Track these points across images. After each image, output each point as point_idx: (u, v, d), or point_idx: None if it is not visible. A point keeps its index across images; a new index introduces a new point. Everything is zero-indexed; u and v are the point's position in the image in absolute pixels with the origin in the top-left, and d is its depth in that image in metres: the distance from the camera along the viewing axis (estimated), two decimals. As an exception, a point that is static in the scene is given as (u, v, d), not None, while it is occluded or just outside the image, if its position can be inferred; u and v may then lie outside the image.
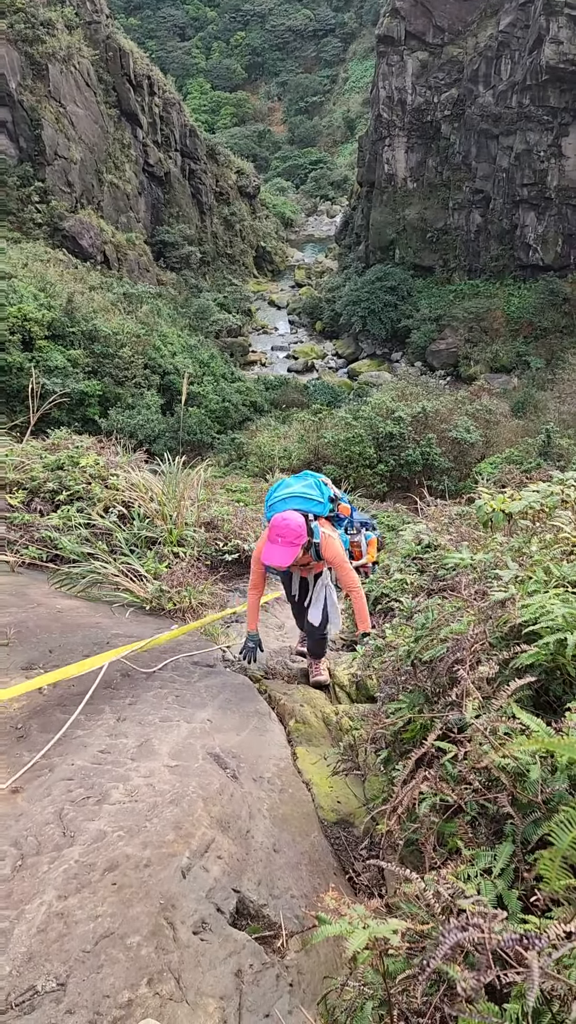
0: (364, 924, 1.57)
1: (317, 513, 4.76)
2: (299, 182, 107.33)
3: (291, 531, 4.43)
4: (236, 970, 2.41)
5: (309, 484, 4.91)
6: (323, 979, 2.39)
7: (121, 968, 2.30)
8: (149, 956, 2.35)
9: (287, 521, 4.46)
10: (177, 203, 68.33)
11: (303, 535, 4.47)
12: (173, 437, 35.81)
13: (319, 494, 4.85)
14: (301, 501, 4.72)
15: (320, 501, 4.81)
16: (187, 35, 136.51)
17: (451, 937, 1.39)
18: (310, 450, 27.43)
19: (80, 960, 2.31)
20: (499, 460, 25.27)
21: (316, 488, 4.89)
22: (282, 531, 4.44)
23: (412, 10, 61.96)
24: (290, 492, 4.77)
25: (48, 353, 37.96)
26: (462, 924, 1.40)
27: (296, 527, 4.44)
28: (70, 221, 53.59)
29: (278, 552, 4.42)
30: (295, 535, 4.43)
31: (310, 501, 4.75)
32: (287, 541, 4.41)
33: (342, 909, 1.63)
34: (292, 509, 4.63)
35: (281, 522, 4.47)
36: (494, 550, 3.91)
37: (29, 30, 53.07)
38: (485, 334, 56.30)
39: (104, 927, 2.44)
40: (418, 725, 3.02)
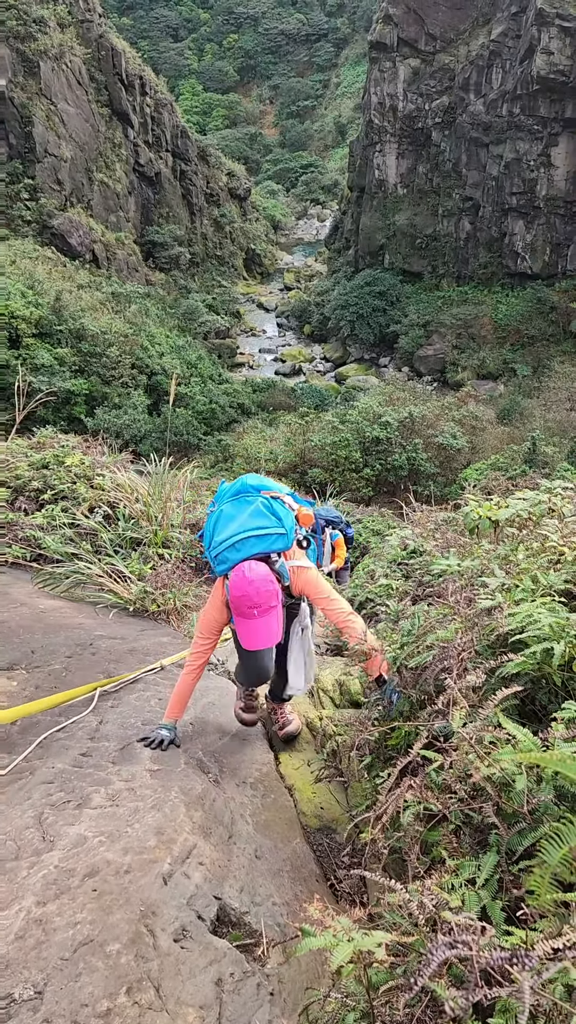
0: (348, 937, 1.55)
1: (281, 549, 3.58)
2: (290, 185, 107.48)
3: (265, 595, 3.37)
4: (216, 979, 2.38)
5: (257, 511, 3.62)
6: (305, 989, 2.37)
7: (100, 976, 2.27)
8: (128, 964, 2.32)
9: (254, 585, 3.35)
10: (167, 203, 68.23)
11: (275, 587, 3.44)
12: (160, 438, 35.71)
13: (275, 521, 3.60)
14: (258, 542, 3.52)
15: (281, 532, 3.58)
16: (180, 36, 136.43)
17: (439, 954, 1.37)
18: (296, 453, 27.40)
19: (58, 968, 2.28)
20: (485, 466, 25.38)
21: (268, 514, 3.62)
22: (255, 599, 3.36)
23: (405, 17, 62.21)
24: (240, 533, 3.52)
25: (35, 351, 37.77)
26: (450, 941, 1.38)
27: (267, 587, 3.38)
28: (59, 219, 53.38)
29: (262, 629, 3.42)
30: (270, 595, 3.39)
31: (268, 538, 3.54)
32: (266, 609, 3.39)
33: (326, 920, 1.61)
34: (251, 559, 3.48)
35: (247, 588, 3.34)
36: (481, 557, 3.91)
37: (21, 27, 52.87)
38: (473, 341, 56.56)
39: (83, 934, 2.40)
40: (403, 732, 3.00)
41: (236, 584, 3.37)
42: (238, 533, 3.50)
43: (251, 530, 3.52)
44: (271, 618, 3.43)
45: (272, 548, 3.53)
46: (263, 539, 3.52)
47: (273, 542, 3.54)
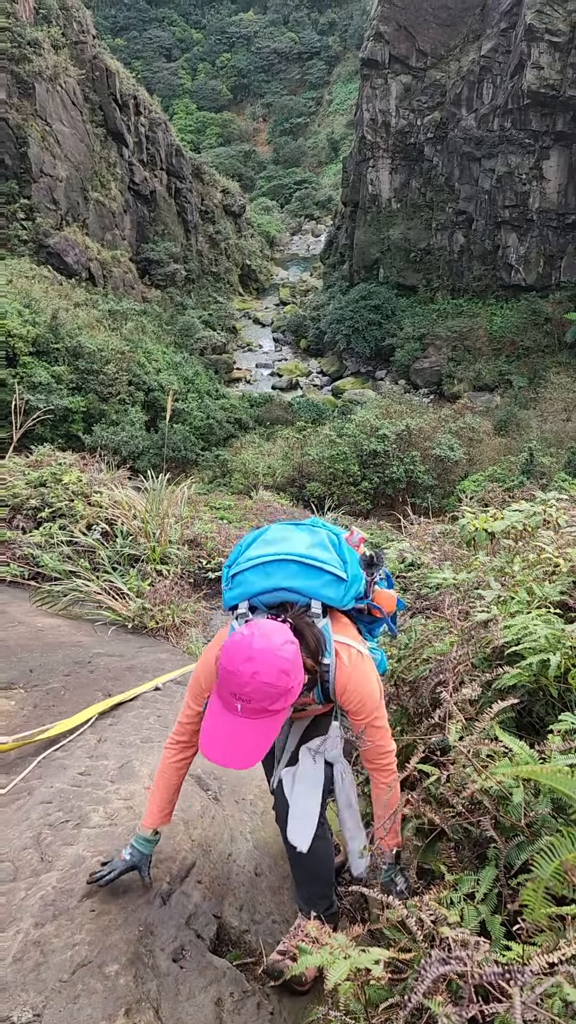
0: (345, 954, 1.54)
1: (332, 601, 2.41)
2: (284, 201, 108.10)
3: (267, 685, 2.08)
4: (216, 999, 2.37)
5: (319, 541, 2.51)
6: (304, 1007, 2.36)
7: (99, 998, 2.25)
8: (127, 985, 2.31)
9: (256, 662, 2.08)
10: (163, 221, 68.60)
11: (294, 683, 2.15)
12: (157, 454, 35.77)
13: (336, 559, 2.46)
14: (302, 573, 2.38)
15: (338, 575, 2.42)
16: (173, 56, 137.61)
17: (433, 970, 1.36)
18: (294, 467, 27.47)
19: (56, 990, 2.26)
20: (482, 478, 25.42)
21: (331, 548, 2.50)
22: (247, 684, 2.08)
23: (396, 35, 62.81)
24: (279, 554, 2.39)
25: (32, 369, 37.86)
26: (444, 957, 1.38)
27: (278, 672, 2.09)
28: (55, 238, 53.65)
29: (238, 736, 2.13)
30: (278, 689, 2.10)
31: (317, 573, 2.39)
32: (260, 711, 2.10)
33: (323, 938, 1.61)
34: (277, 607, 2.39)
35: (242, 662, 2.09)
36: (477, 569, 3.91)
37: (15, 49, 53.32)
38: (468, 353, 56.75)
39: (81, 955, 2.39)
40: (401, 746, 3.00)
41: (231, 648, 2.13)
42: (277, 554, 2.38)
43: (298, 555, 2.38)
44: (263, 726, 2.12)
45: (318, 593, 2.37)
46: (310, 571, 2.37)
47: (324, 584, 2.37)
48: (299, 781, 2.63)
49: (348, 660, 2.39)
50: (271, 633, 2.15)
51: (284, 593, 2.36)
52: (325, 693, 2.44)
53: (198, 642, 6.32)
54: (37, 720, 4.12)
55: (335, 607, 2.43)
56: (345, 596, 2.42)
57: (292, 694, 2.13)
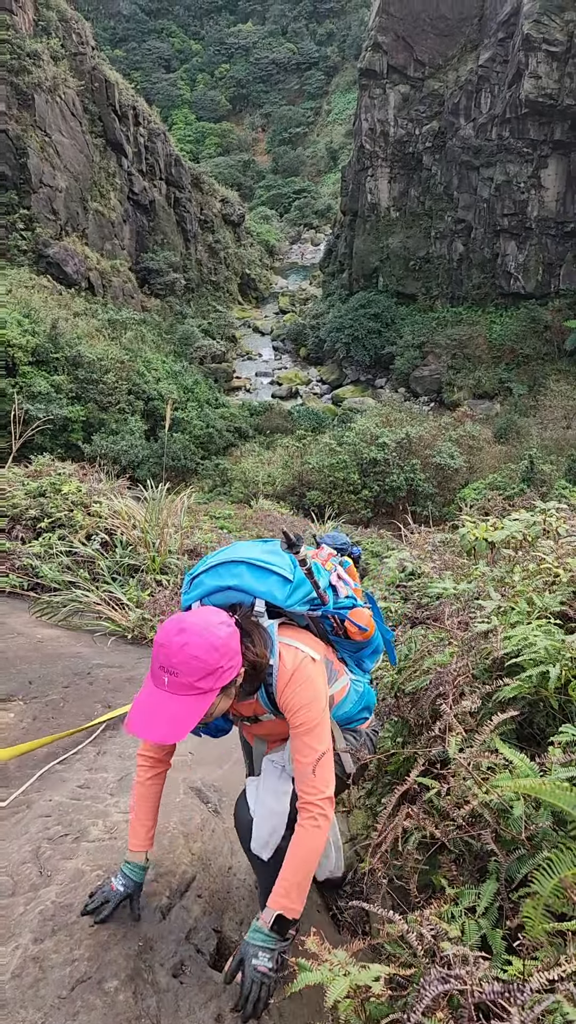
0: (345, 971, 1.53)
1: (274, 602, 2.41)
2: (283, 211, 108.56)
3: (196, 660, 2.10)
4: (216, 1015, 2.35)
5: (272, 550, 2.56)
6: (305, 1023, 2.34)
7: (98, 1015, 2.24)
8: (127, 1002, 2.29)
9: (187, 634, 2.13)
10: (162, 231, 68.85)
11: (225, 663, 2.15)
12: (157, 463, 35.81)
13: (286, 563, 2.49)
14: (250, 574, 2.42)
15: (282, 574, 2.45)
16: (172, 67, 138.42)
17: (432, 989, 1.35)
18: (294, 475, 27.49)
19: (56, 1007, 2.25)
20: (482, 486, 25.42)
21: (283, 555, 2.52)
22: (175, 656, 2.11)
23: (394, 45, 63.16)
24: (230, 556, 2.48)
25: (32, 379, 37.95)
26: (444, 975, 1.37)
27: (208, 649, 2.12)
28: (55, 248, 53.85)
29: (158, 709, 2.13)
30: (206, 665, 2.11)
31: (265, 574, 2.43)
32: (185, 684, 2.11)
33: (323, 954, 1.60)
34: (219, 590, 2.41)
35: (174, 635, 2.14)
36: (477, 579, 3.91)
37: (15, 61, 53.64)
38: (468, 361, 56.87)
39: (80, 971, 2.37)
40: (401, 758, 2.99)
41: (166, 623, 2.19)
42: (229, 557, 2.46)
43: (247, 558, 2.44)
44: (188, 703, 2.10)
45: (263, 591, 2.38)
46: (257, 571, 2.41)
47: (269, 584, 2.40)
48: (263, 792, 2.56)
49: (291, 661, 2.36)
50: (208, 613, 2.27)
51: (233, 593, 2.40)
52: (271, 698, 2.39)
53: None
54: (36, 732, 4.11)
55: (282, 608, 2.41)
56: (290, 597, 2.43)
57: (222, 675, 2.14)
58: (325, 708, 2.40)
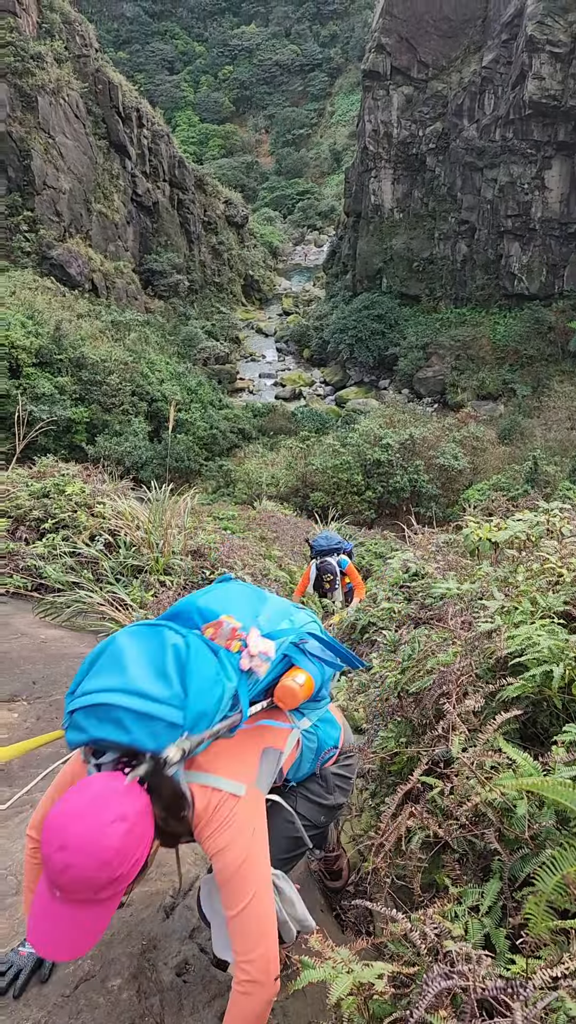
0: (348, 969, 1.53)
1: (158, 748, 1.83)
2: (287, 212, 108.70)
3: (85, 875, 1.65)
4: (219, 1013, 2.35)
5: (159, 659, 1.98)
6: (308, 1021, 2.34)
7: (101, 1013, 2.24)
8: (130, 1000, 2.30)
9: (77, 842, 1.66)
10: (165, 232, 68.94)
11: (122, 871, 1.71)
12: (160, 464, 35.84)
13: (172, 691, 1.91)
14: (129, 720, 1.85)
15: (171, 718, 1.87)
16: (176, 69, 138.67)
17: (435, 985, 1.35)
18: (298, 477, 27.50)
19: (59, 1005, 2.25)
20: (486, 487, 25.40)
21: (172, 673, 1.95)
22: (57, 871, 1.65)
23: (397, 46, 63.21)
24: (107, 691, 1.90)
25: (35, 380, 38.01)
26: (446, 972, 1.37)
27: (102, 859, 1.66)
28: (58, 250, 53.95)
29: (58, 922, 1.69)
30: (97, 882, 1.67)
31: (144, 721, 1.85)
32: (83, 901, 1.69)
33: (326, 952, 1.60)
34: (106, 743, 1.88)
35: (58, 841, 1.66)
36: (480, 579, 3.91)
37: (19, 63, 53.75)
38: (472, 362, 56.86)
39: (84, 970, 2.38)
40: (404, 758, 2.99)
41: (47, 826, 1.70)
42: (106, 690, 1.89)
43: (125, 698, 1.86)
44: (89, 913, 1.69)
45: (144, 743, 1.82)
46: (139, 720, 1.84)
47: (151, 732, 1.83)
48: (216, 900, 2.15)
49: (203, 804, 1.92)
50: (98, 809, 1.70)
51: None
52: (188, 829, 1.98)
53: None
54: (39, 732, 4.11)
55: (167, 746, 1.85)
56: (177, 735, 1.85)
57: (121, 881, 1.72)
58: (250, 845, 1.97)
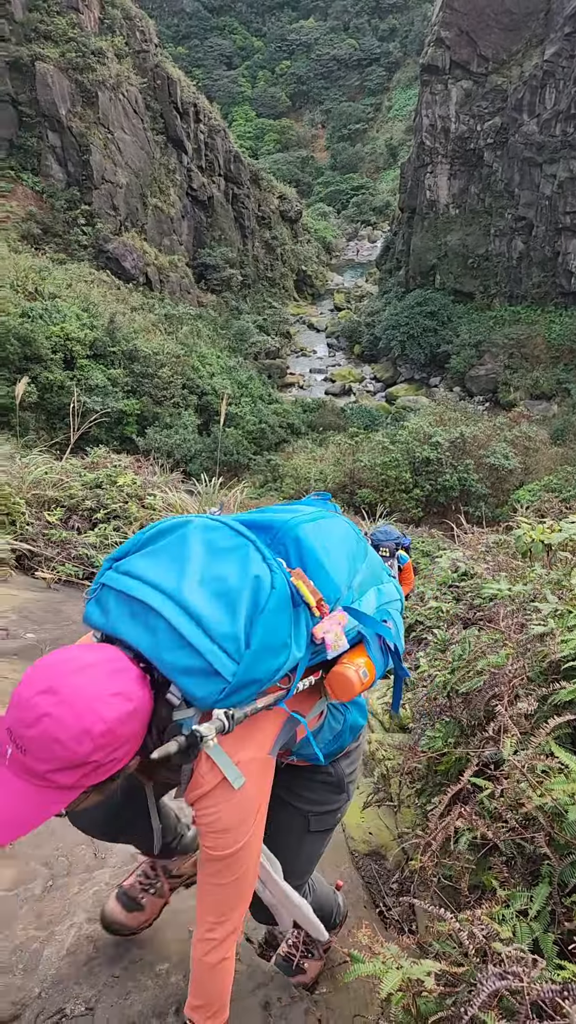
0: (398, 964, 1.54)
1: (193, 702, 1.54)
2: (341, 207, 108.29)
3: (58, 736, 1.38)
4: (264, 1002, 2.38)
5: (230, 588, 1.59)
6: (353, 1016, 2.36)
7: (149, 995, 2.29)
8: (177, 984, 2.34)
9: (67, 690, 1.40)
10: (219, 227, 69.28)
11: (102, 761, 1.44)
12: (209, 457, 36.07)
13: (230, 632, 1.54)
14: (162, 634, 1.53)
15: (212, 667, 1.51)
16: (234, 64, 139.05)
17: (490, 984, 1.36)
18: (346, 473, 27.40)
19: (108, 985, 2.30)
20: (537, 487, 25.00)
21: (238, 607, 1.57)
22: (27, 720, 1.38)
23: (457, 40, 62.45)
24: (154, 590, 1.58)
25: (89, 372, 38.55)
26: (501, 972, 1.37)
27: (85, 726, 1.40)
28: (114, 243, 54.61)
29: None
30: (67, 754, 1.39)
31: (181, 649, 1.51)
32: (29, 766, 1.40)
33: (375, 947, 1.61)
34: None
35: (45, 681, 1.41)
36: (533, 581, 3.86)
37: (80, 59, 54.48)
38: (525, 360, 56.02)
39: (133, 952, 2.43)
40: (453, 758, 2.98)
41: (39, 665, 1.48)
42: (155, 587, 1.58)
43: (173, 607, 1.53)
44: (29, 796, 1.41)
45: (177, 678, 1.52)
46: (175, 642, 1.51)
47: (186, 669, 1.51)
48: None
49: (208, 778, 1.59)
50: (106, 674, 1.46)
51: None
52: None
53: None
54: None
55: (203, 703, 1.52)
56: (219, 699, 1.51)
57: (93, 772, 1.43)
58: (252, 828, 1.68)
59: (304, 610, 1.69)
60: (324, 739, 1.99)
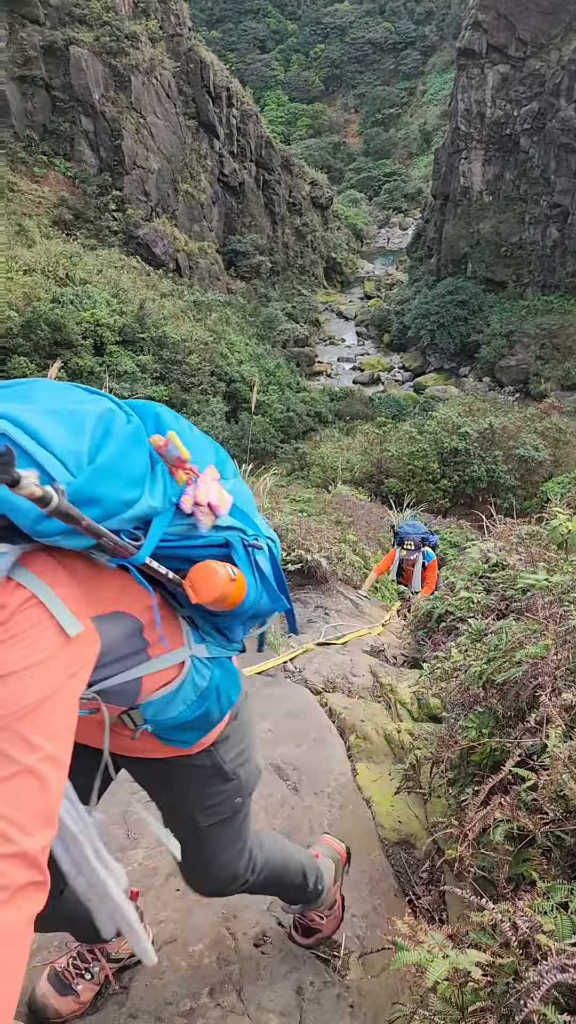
0: (444, 953, 1.53)
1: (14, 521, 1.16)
2: (372, 194, 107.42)
3: None
4: (297, 987, 2.38)
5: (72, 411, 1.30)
6: (391, 1003, 2.35)
7: (182, 975, 2.30)
8: (211, 966, 2.34)
9: None
10: (250, 213, 69.05)
11: None
12: (237, 444, 36.07)
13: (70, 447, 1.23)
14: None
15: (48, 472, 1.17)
16: (267, 47, 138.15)
17: (550, 977, 1.33)
18: (373, 463, 27.30)
19: (143, 965, 2.31)
20: (567, 480, 24.72)
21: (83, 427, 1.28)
22: None
23: (495, 23, 61.52)
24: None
25: (118, 358, 38.70)
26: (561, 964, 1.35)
27: None
28: (144, 229, 54.65)
29: None
30: None
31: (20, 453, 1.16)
32: None
33: (419, 935, 1.59)
34: None
35: None
36: (571, 573, 3.81)
37: (114, 43, 54.41)
38: (557, 351, 55.33)
39: (167, 933, 2.43)
40: (488, 749, 2.95)
41: None
42: None
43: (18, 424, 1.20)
44: None
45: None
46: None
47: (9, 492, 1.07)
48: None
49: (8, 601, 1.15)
50: None
51: None
52: None
53: (276, 633, 6.35)
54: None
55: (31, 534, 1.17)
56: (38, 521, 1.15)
57: None
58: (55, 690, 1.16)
59: (163, 469, 1.39)
60: (186, 697, 1.63)
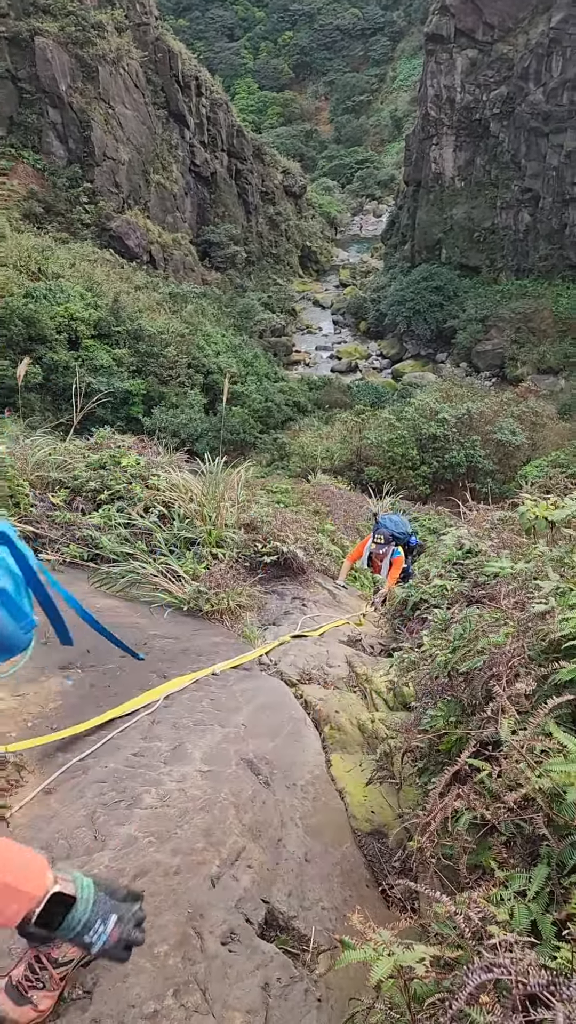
0: (389, 951, 1.53)
1: None
2: (345, 181, 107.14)
3: None
4: (264, 983, 2.38)
5: None
6: (349, 999, 2.35)
7: (147, 978, 2.29)
8: (176, 966, 2.34)
9: None
10: (223, 203, 68.67)
11: None
12: (215, 436, 35.98)
13: None
14: None
15: None
16: (235, 36, 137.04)
17: (475, 978, 1.34)
18: (352, 451, 27.34)
19: (107, 968, 2.30)
20: (544, 463, 24.87)
21: None
22: None
23: (462, 7, 61.34)
24: None
25: (94, 352, 38.45)
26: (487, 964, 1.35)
27: None
28: (117, 221, 54.23)
29: None
30: None
31: None
32: None
33: (368, 933, 1.59)
34: None
35: None
36: (535, 559, 3.82)
37: (79, 33, 53.80)
38: (532, 335, 55.55)
39: (132, 935, 2.42)
40: (454, 738, 2.96)
41: None
42: None
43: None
44: None
45: None
46: None
47: None
48: None
49: None
50: None
51: None
52: None
53: (253, 626, 6.35)
54: (93, 699, 4.20)
55: None
56: None
57: None
58: None
59: None
60: None
